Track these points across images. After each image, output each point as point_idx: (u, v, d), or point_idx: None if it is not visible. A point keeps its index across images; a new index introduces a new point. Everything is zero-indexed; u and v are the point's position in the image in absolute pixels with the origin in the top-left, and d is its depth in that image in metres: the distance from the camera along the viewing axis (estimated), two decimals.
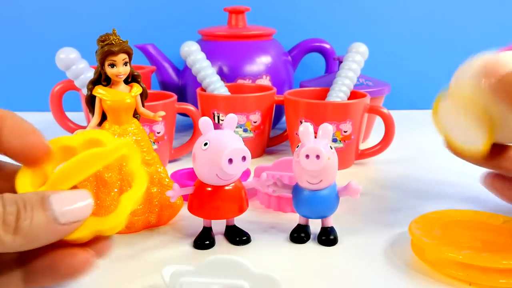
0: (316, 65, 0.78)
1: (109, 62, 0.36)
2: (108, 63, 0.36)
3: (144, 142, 0.39)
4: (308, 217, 0.37)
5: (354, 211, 0.42)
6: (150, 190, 0.39)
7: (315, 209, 0.36)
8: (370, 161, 0.57)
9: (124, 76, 0.37)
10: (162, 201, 0.39)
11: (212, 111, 0.56)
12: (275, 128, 0.69)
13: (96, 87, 0.37)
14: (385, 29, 0.82)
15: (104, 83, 0.37)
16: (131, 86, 0.38)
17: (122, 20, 0.82)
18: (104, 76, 0.37)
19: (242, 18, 0.68)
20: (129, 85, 0.38)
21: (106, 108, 0.37)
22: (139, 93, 0.38)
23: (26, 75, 0.84)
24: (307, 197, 0.35)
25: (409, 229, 0.34)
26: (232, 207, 0.36)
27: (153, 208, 0.39)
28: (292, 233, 0.37)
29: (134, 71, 0.38)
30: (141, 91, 0.38)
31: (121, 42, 0.36)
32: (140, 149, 0.38)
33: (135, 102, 0.38)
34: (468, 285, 0.31)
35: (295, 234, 0.37)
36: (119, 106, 0.37)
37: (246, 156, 0.33)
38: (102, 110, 0.38)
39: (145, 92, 0.39)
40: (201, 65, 0.58)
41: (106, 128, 0.38)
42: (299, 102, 0.53)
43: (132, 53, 0.37)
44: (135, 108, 0.39)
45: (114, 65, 0.36)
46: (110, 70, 0.36)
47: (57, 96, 0.60)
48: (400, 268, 0.33)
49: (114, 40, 0.36)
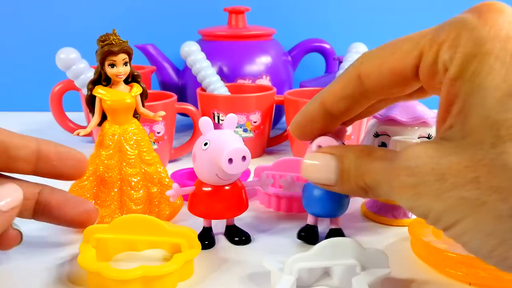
0: (316, 65, 0.78)
1: (109, 62, 0.36)
2: (108, 63, 0.36)
3: (144, 142, 0.39)
4: (318, 215, 0.36)
5: (354, 211, 0.42)
6: (150, 190, 0.39)
7: (325, 207, 0.35)
8: None
9: (124, 76, 0.37)
10: (162, 201, 0.39)
11: (212, 111, 0.56)
12: (275, 128, 0.69)
13: (96, 87, 0.37)
14: (385, 29, 0.82)
15: (104, 83, 0.37)
16: (131, 86, 0.38)
17: (122, 20, 0.82)
18: (104, 76, 0.37)
19: (242, 18, 0.68)
20: (129, 85, 0.38)
21: (106, 108, 0.37)
22: (139, 93, 0.38)
23: (26, 75, 0.84)
24: (318, 195, 0.35)
25: (409, 229, 0.34)
26: (232, 207, 0.36)
27: (153, 208, 0.39)
28: (300, 232, 0.37)
29: (134, 71, 0.38)
30: (141, 91, 0.38)
31: (121, 42, 0.36)
32: (140, 149, 0.38)
33: (135, 102, 0.38)
34: (468, 285, 0.31)
35: (303, 233, 0.37)
36: (119, 106, 0.37)
37: (246, 156, 0.33)
38: (102, 110, 0.38)
39: (145, 92, 0.39)
40: (201, 65, 0.58)
41: (106, 128, 0.38)
42: (299, 102, 0.53)
43: (132, 53, 0.37)
44: (135, 108, 0.39)
45: (114, 65, 0.36)
46: (110, 70, 0.36)
47: (57, 96, 0.60)
48: (400, 268, 0.33)
49: (114, 40, 0.36)
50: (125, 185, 0.38)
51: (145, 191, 0.38)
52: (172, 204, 0.39)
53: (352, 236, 0.38)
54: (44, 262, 0.33)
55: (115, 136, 0.38)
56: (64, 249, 0.35)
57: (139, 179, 0.38)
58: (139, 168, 0.38)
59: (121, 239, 0.33)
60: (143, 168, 0.39)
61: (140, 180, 0.38)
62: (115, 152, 0.38)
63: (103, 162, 0.38)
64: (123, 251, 0.34)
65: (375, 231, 0.39)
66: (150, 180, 0.39)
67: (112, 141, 0.38)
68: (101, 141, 0.38)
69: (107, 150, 0.38)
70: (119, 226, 0.32)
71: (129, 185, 0.38)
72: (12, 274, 0.32)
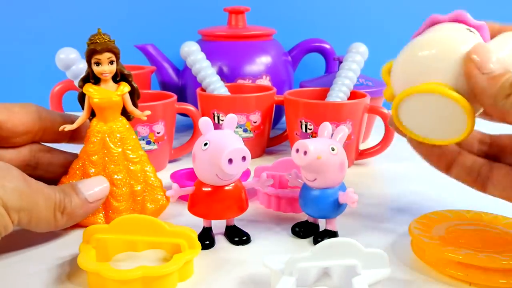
0: (316, 65, 0.78)
1: (95, 61, 0.37)
2: (94, 62, 0.37)
3: (130, 140, 0.40)
4: (311, 215, 0.37)
5: (354, 211, 0.42)
6: (134, 188, 0.40)
7: (321, 208, 0.36)
8: (370, 161, 0.57)
9: (110, 74, 0.38)
10: (146, 199, 0.40)
11: (212, 111, 0.56)
12: (275, 128, 0.69)
13: (86, 85, 0.38)
14: (385, 29, 0.82)
15: (92, 81, 0.38)
16: (119, 85, 0.39)
17: (122, 20, 0.82)
18: (92, 74, 0.38)
19: (242, 18, 0.68)
20: (118, 83, 0.39)
21: (94, 105, 0.38)
22: (126, 92, 0.39)
23: (26, 75, 0.84)
24: (310, 195, 0.36)
25: (409, 229, 0.34)
26: (232, 207, 0.36)
27: (136, 205, 0.40)
28: (294, 227, 0.38)
29: (125, 70, 0.39)
30: (129, 89, 0.39)
31: (105, 41, 0.37)
32: (124, 147, 0.39)
33: (121, 101, 0.39)
34: (468, 285, 0.31)
35: (297, 228, 0.38)
36: (106, 104, 0.38)
37: (246, 156, 0.33)
38: (91, 107, 0.39)
39: (136, 92, 0.40)
40: (201, 65, 0.58)
41: (93, 125, 0.39)
42: (299, 102, 0.53)
43: (119, 52, 0.38)
44: (126, 107, 0.40)
45: (99, 63, 0.37)
46: (96, 68, 0.37)
47: (57, 96, 0.60)
48: (400, 268, 0.33)
49: (98, 39, 0.37)
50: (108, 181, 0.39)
51: (128, 188, 0.39)
52: (156, 202, 0.40)
53: (352, 236, 0.37)
54: (44, 262, 0.33)
55: (99, 133, 0.39)
56: (64, 249, 0.35)
57: (122, 176, 0.39)
58: (123, 165, 0.39)
59: (121, 239, 0.33)
60: (127, 165, 0.39)
61: (124, 178, 0.39)
62: (99, 148, 0.39)
63: (89, 157, 0.39)
64: (123, 251, 0.34)
65: (375, 231, 0.39)
66: (134, 178, 0.40)
67: (96, 138, 0.39)
68: (88, 138, 0.39)
69: (92, 146, 0.39)
70: (119, 227, 0.32)
71: (111, 182, 0.39)
72: (12, 274, 0.32)
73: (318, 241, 0.36)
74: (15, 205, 0.30)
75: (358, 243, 0.29)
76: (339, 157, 0.35)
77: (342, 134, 0.36)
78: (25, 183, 0.32)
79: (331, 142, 0.35)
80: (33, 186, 0.32)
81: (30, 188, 0.32)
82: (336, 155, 0.34)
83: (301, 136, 0.53)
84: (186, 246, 0.32)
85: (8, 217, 0.30)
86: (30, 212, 0.32)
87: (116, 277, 0.29)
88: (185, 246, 0.32)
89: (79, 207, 0.35)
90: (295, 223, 0.38)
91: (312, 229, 0.38)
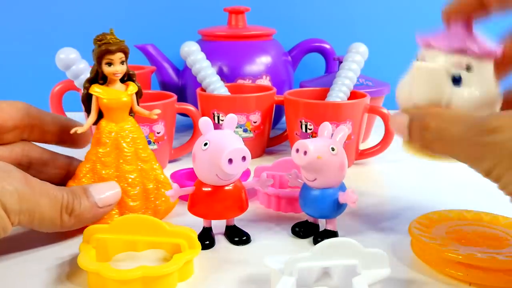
0: (316, 65, 0.78)
1: (107, 61, 0.37)
2: (106, 62, 0.37)
3: (140, 139, 0.40)
4: (311, 215, 0.37)
5: (354, 211, 0.42)
6: (147, 186, 0.39)
7: (316, 208, 0.36)
8: (370, 161, 0.57)
9: (121, 74, 0.38)
10: (158, 197, 0.40)
11: (212, 111, 0.56)
12: (275, 128, 0.69)
13: (93, 85, 0.38)
14: (385, 29, 0.82)
15: (101, 82, 0.38)
16: (127, 85, 0.39)
17: (122, 20, 0.82)
18: (101, 75, 0.38)
19: (242, 18, 0.68)
20: (125, 83, 0.39)
21: (103, 106, 0.38)
22: (135, 92, 0.39)
23: (26, 75, 0.84)
24: (310, 195, 0.36)
25: (409, 229, 0.34)
26: (232, 207, 0.36)
27: (150, 204, 0.40)
28: (294, 227, 0.38)
29: (130, 70, 0.39)
30: (136, 89, 0.39)
31: (118, 41, 0.37)
32: (136, 147, 0.39)
33: (131, 101, 0.39)
34: (468, 285, 0.31)
35: (297, 228, 0.38)
36: (116, 104, 0.38)
37: (246, 156, 0.33)
38: (98, 109, 0.38)
39: (139, 91, 0.40)
40: (201, 65, 0.58)
41: (103, 126, 0.38)
42: (299, 102, 0.53)
43: (129, 52, 0.38)
44: (133, 107, 0.39)
45: (112, 63, 0.37)
46: (108, 68, 0.37)
47: (57, 96, 0.60)
48: (400, 268, 0.33)
49: (111, 39, 0.36)
50: (122, 181, 0.38)
51: (141, 187, 0.39)
52: (167, 200, 0.40)
53: (352, 236, 0.37)
54: (44, 262, 0.33)
55: (112, 134, 0.38)
56: (64, 249, 0.35)
57: (135, 175, 0.39)
58: (136, 165, 0.39)
59: (121, 239, 0.33)
60: (139, 165, 0.39)
61: (137, 177, 0.39)
62: (112, 149, 0.38)
63: (100, 159, 0.38)
64: (123, 251, 0.34)
65: (375, 231, 0.39)
66: (146, 177, 0.40)
67: (109, 139, 0.38)
68: (98, 139, 0.38)
69: (104, 147, 0.38)
70: (119, 226, 0.32)
71: (126, 181, 0.38)
72: (12, 274, 0.32)
73: (318, 241, 0.36)
74: (15, 208, 0.30)
75: (358, 243, 0.29)
76: (339, 157, 0.35)
77: (342, 134, 0.36)
78: (26, 185, 0.32)
79: (331, 142, 0.35)
80: (36, 187, 0.32)
81: (32, 189, 0.32)
82: (336, 155, 0.34)
83: (301, 136, 0.53)
84: (186, 246, 0.32)
85: (8, 219, 0.30)
86: (32, 213, 0.32)
87: (116, 277, 0.29)
88: (185, 246, 0.32)
89: (88, 210, 0.35)
90: (295, 223, 0.38)
91: (312, 229, 0.38)
